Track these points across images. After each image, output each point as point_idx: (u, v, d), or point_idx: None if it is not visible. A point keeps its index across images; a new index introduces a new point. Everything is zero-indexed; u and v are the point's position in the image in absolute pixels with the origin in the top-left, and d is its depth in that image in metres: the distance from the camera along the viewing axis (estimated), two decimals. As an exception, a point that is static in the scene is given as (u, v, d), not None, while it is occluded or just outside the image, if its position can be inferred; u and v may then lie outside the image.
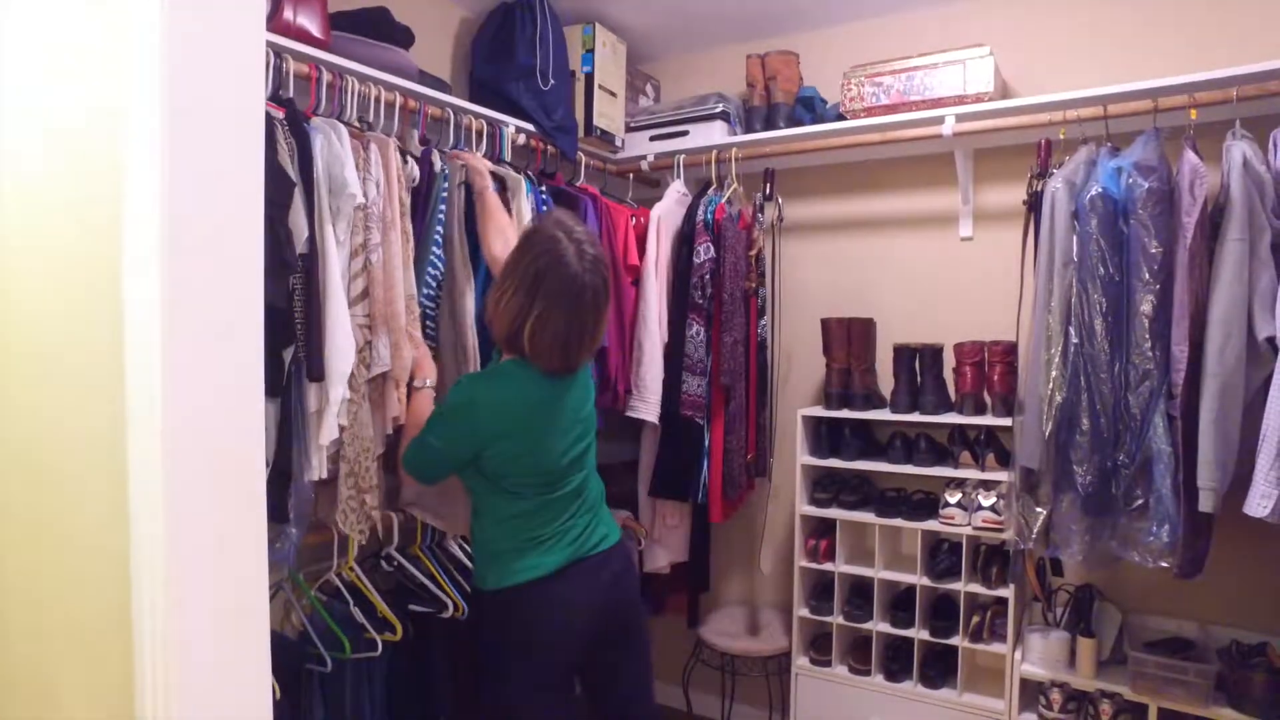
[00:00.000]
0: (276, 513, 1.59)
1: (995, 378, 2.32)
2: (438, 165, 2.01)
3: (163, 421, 1.07)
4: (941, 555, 2.40)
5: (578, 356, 1.70)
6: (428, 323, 1.96)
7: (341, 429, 1.70)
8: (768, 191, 2.67)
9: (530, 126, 2.39)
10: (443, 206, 1.99)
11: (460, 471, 1.73)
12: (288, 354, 1.60)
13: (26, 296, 1.29)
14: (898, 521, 2.41)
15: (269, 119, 1.55)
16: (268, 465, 1.56)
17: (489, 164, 2.12)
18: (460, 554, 2.24)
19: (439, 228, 1.98)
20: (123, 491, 1.11)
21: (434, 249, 1.98)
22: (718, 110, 2.71)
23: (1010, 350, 2.31)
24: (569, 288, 1.62)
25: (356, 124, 1.87)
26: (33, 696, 1.32)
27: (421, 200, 1.99)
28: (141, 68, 1.07)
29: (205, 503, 1.12)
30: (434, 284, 1.98)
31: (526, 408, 1.67)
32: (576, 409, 1.78)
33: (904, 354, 2.48)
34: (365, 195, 1.74)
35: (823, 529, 2.57)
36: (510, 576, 1.68)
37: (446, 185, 2.00)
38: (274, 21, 1.74)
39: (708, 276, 2.48)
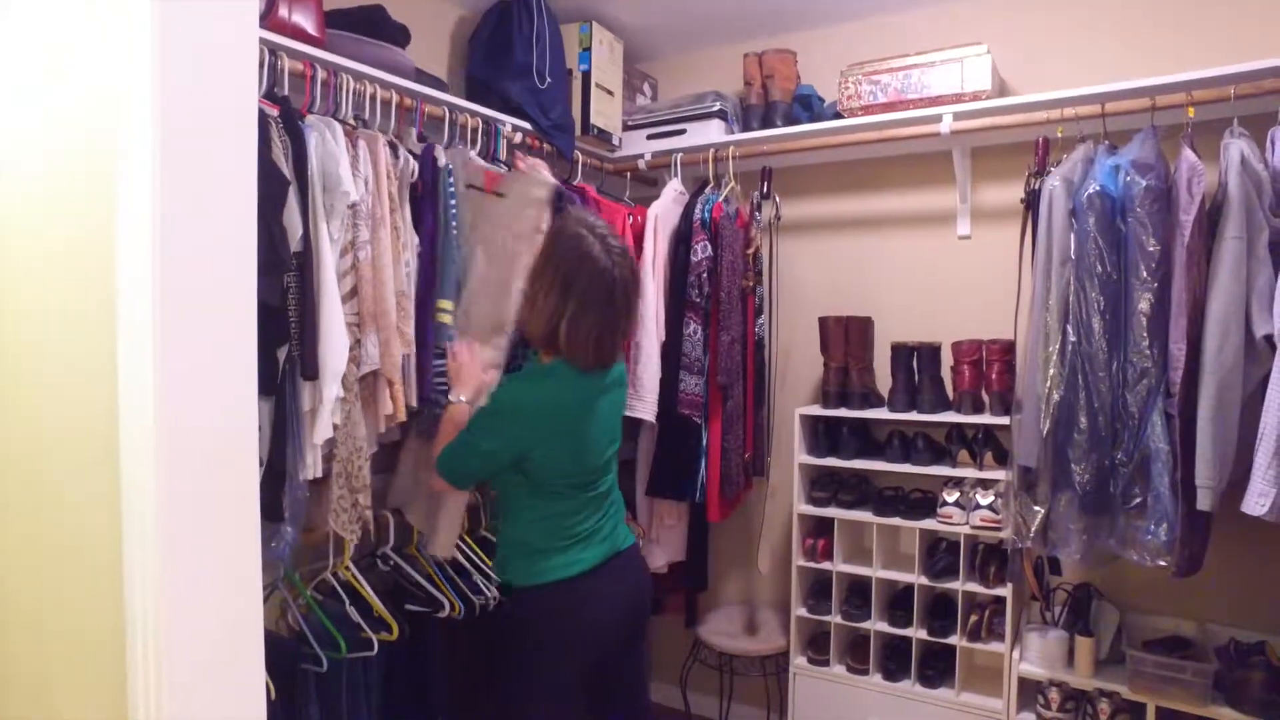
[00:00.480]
0: (272, 512, 1.59)
1: (993, 376, 2.32)
2: (442, 161, 2.00)
3: (155, 420, 1.06)
4: (939, 554, 2.39)
5: (612, 352, 1.72)
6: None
7: (334, 428, 1.69)
8: (765, 190, 2.66)
9: (527, 125, 2.38)
10: (454, 204, 1.99)
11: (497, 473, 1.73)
12: (282, 352, 1.60)
13: (19, 296, 1.28)
14: (895, 520, 2.41)
15: (264, 117, 1.54)
16: (262, 464, 1.56)
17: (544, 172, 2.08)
18: (456, 553, 2.23)
19: (455, 225, 1.99)
20: (115, 491, 1.10)
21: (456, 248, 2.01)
22: (715, 109, 2.70)
23: (1008, 349, 2.30)
24: (600, 283, 1.64)
25: (352, 122, 1.87)
26: (28, 696, 1.32)
27: (425, 197, 1.97)
28: (133, 65, 1.06)
29: (198, 502, 1.11)
30: (458, 284, 2.01)
31: (572, 408, 1.69)
32: (612, 411, 1.80)
33: (902, 353, 2.48)
34: (356, 192, 1.73)
35: (820, 528, 2.56)
36: (551, 572, 1.69)
37: (453, 181, 2.00)
38: (269, 19, 1.73)
39: (705, 275, 2.47)
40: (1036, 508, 2.03)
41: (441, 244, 1.96)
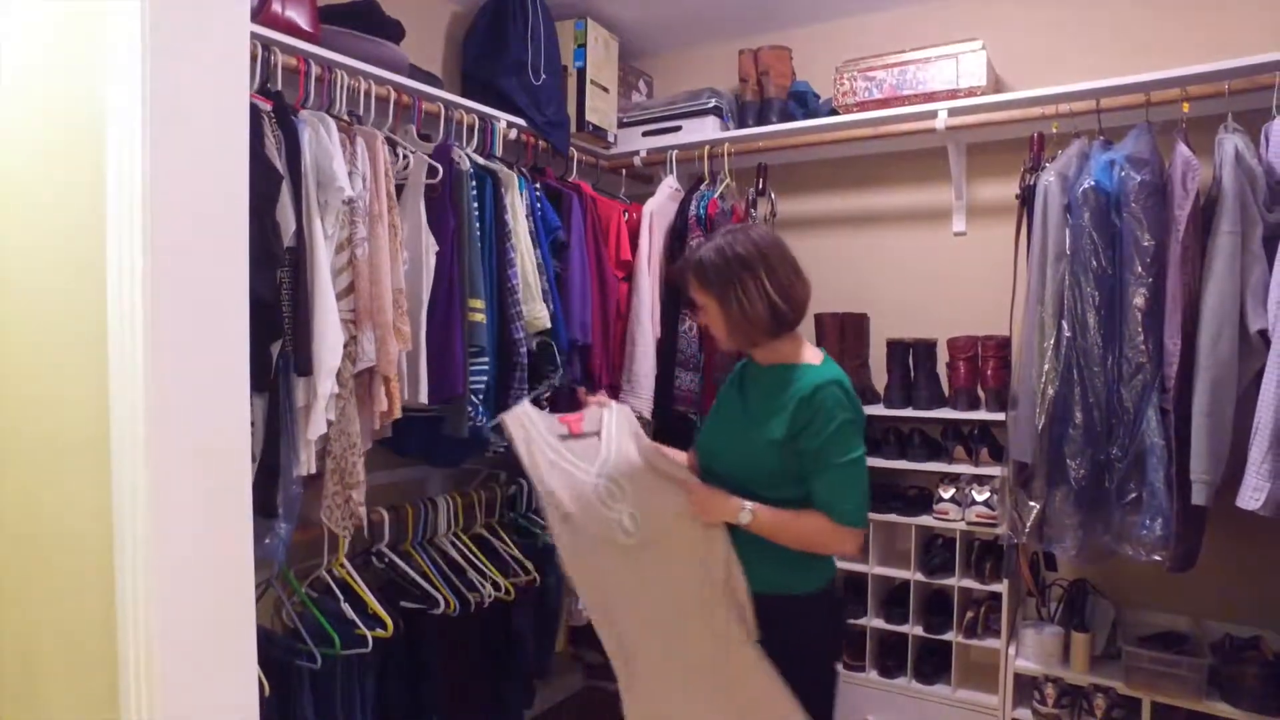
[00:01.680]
0: (266, 508, 1.58)
1: (988, 372, 2.32)
2: (465, 165, 2.00)
3: (146, 416, 1.06)
4: (935, 551, 2.39)
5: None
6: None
7: (328, 424, 1.68)
8: (760, 186, 2.66)
9: (522, 121, 2.38)
10: (475, 205, 2.03)
11: (786, 484, 1.58)
12: (275, 348, 1.59)
13: (10, 291, 1.27)
14: (891, 517, 2.41)
15: (256, 111, 1.54)
16: (255, 460, 1.55)
17: None
18: (453, 551, 2.23)
19: (477, 224, 2.04)
20: (106, 488, 1.10)
21: (510, 254, 2.10)
22: (710, 105, 2.70)
23: (1003, 344, 2.30)
24: (752, 249, 1.62)
25: (346, 118, 1.86)
26: (20, 694, 1.31)
27: (445, 199, 1.97)
28: (124, 59, 1.06)
29: (190, 499, 1.11)
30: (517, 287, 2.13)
31: None
32: None
33: (897, 349, 2.47)
34: (352, 189, 1.72)
35: (816, 525, 2.56)
36: (830, 571, 1.65)
37: (475, 186, 2.03)
38: (262, 14, 1.72)
39: (701, 272, 2.47)
40: (1032, 503, 2.03)
41: (466, 244, 1.98)
